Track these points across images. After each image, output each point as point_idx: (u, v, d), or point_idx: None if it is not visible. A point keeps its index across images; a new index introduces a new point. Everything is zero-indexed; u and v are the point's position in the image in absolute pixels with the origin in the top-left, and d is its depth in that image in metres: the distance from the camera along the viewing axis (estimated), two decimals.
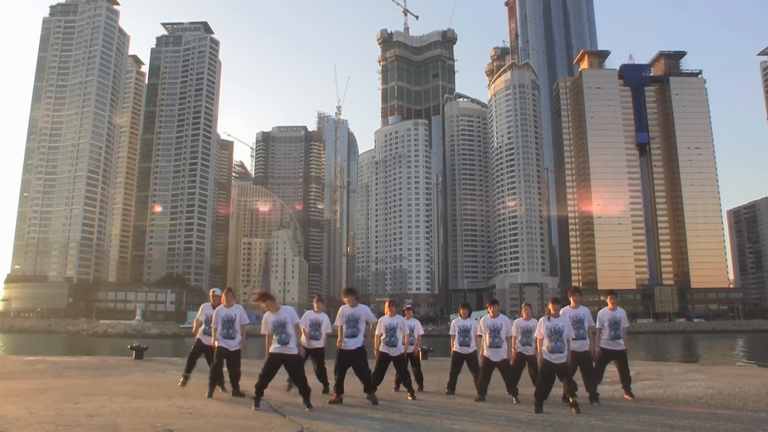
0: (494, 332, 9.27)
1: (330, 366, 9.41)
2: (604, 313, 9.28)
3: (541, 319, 8.39)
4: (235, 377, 8.90)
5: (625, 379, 9.45)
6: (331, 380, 9.17)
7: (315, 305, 9.54)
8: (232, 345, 8.81)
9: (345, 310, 8.72)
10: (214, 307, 9.48)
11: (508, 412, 8.15)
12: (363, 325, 8.72)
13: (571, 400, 8.17)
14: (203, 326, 9.77)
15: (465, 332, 9.88)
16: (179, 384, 10.01)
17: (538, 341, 8.35)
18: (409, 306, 10.61)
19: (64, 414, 7.28)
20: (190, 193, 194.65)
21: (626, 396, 9.43)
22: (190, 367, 10.05)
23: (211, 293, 9.86)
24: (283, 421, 7.10)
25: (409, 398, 9.25)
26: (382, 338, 9.25)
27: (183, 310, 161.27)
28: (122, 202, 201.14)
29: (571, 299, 9.02)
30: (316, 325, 9.28)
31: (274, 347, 7.99)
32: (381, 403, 8.59)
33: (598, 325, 9.09)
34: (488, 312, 9.47)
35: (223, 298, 8.94)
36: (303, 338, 8.80)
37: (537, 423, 7.32)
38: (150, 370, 13.58)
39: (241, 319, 8.89)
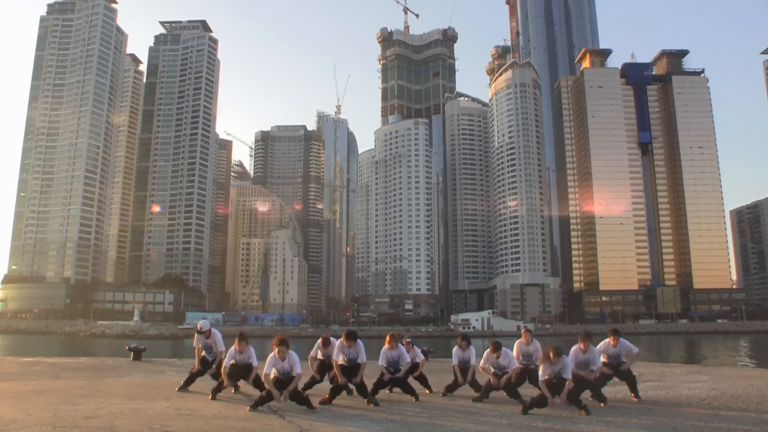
0: (499, 369, 9.47)
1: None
2: (606, 348, 9.48)
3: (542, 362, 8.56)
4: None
5: (631, 383, 9.53)
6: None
7: (321, 345, 9.91)
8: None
9: (344, 348, 9.06)
10: (207, 337, 10.00)
11: (509, 414, 8.09)
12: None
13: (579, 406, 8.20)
14: (203, 352, 10.13)
15: (465, 362, 10.05)
16: (177, 389, 9.93)
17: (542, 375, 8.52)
18: (409, 340, 10.63)
19: (61, 415, 7.22)
20: (189, 192, 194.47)
21: (633, 398, 9.47)
22: (189, 383, 10.08)
23: (199, 326, 10.05)
24: (282, 423, 7.03)
25: (412, 399, 9.30)
26: (384, 369, 9.44)
27: (181, 310, 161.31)
28: (120, 202, 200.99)
29: (581, 344, 9.05)
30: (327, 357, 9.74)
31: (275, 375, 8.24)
32: (381, 405, 8.55)
33: (600, 361, 9.28)
34: (491, 351, 9.59)
35: (237, 344, 9.12)
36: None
37: (538, 424, 7.26)
38: (148, 371, 13.52)
39: (253, 361, 9.18)
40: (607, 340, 9.55)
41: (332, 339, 9.82)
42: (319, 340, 9.98)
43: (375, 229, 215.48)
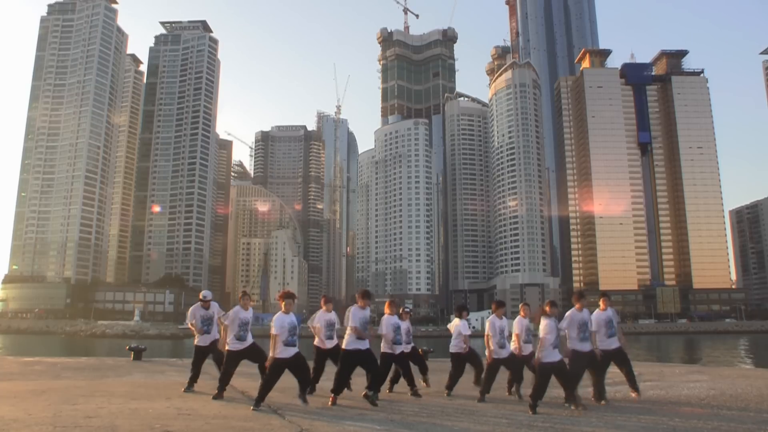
0: (500, 332, 9.50)
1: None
2: (597, 314, 9.44)
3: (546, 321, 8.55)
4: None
5: (630, 378, 9.47)
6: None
7: (324, 306, 9.44)
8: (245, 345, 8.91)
9: (357, 312, 8.73)
10: (206, 308, 9.64)
11: (509, 413, 8.10)
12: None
13: (574, 402, 8.24)
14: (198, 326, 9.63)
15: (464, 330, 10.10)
16: (183, 389, 9.71)
17: (540, 340, 8.52)
18: (407, 310, 10.49)
19: (61, 415, 7.23)
20: (189, 192, 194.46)
21: (633, 394, 9.42)
22: (195, 376, 9.75)
23: (201, 295, 9.73)
24: (282, 423, 7.04)
25: (410, 394, 9.35)
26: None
27: (182, 310, 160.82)
28: (120, 202, 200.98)
29: (575, 304, 9.10)
30: (330, 326, 9.33)
31: (281, 351, 7.96)
32: (381, 404, 8.55)
33: (594, 328, 9.20)
34: (493, 313, 9.76)
35: (240, 298, 9.14)
36: (317, 340, 9.37)
37: (538, 424, 7.27)
38: (148, 371, 13.55)
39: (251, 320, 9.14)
40: (597, 310, 9.50)
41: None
42: (322, 301, 9.49)
43: (375, 229, 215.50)
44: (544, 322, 8.30)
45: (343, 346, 8.61)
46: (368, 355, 8.57)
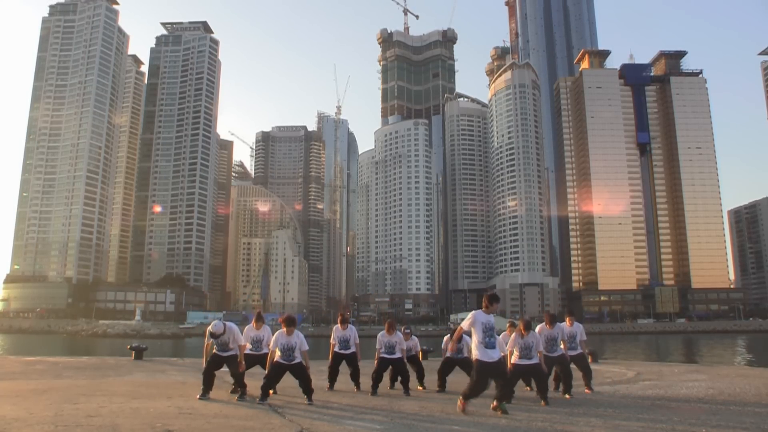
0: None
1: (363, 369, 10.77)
2: (563, 329, 10.47)
3: (514, 335, 9.46)
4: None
5: (586, 376, 10.61)
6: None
7: (340, 325, 10.56)
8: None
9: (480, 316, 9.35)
10: (217, 337, 8.97)
11: (509, 413, 8.12)
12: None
13: (542, 399, 8.92)
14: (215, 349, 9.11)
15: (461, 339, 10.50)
16: (198, 397, 8.93)
17: (508, 353, 9.32)
18: (408, 330, 11.22)
19: (63, 414, 7.26)
20: (190, 193, 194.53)
21: (586, 390, 10.45)
22: (209, 385, 8.94)
23: (208, 332, 8.96)
24: (282, 422, 7.08)
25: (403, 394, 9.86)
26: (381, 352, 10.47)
27: (182, 310, 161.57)
28: (121, 202, 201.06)
29: (546, 323, 10.03)
30: (344, 341, 10.45)
31: (279, 358, 8.77)
32: (381, 404, 8.62)
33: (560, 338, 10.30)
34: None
35: (254, 322, 9.68)
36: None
37: (537, 424, 7.30)
38: (149, 370, 13.59)
39: (268, 339, 9.57)
40: (563, 323, 10.47)
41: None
42: (338, 320, 10.68)
43: (375, 229, 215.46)
44: (517, 343, 9.19)
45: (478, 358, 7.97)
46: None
